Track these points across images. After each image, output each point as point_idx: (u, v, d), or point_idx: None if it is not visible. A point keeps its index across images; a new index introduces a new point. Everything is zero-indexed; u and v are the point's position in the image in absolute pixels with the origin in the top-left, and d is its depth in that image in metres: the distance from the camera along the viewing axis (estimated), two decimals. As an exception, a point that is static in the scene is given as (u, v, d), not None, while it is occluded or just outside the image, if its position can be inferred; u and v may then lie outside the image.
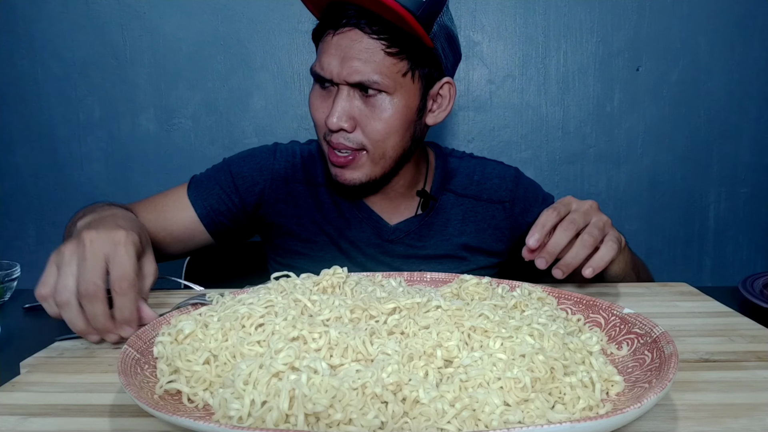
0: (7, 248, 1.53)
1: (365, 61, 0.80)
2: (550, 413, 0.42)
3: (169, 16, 1.43)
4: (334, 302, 0.55)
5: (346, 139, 0.85)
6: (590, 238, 0.69)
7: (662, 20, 1.42)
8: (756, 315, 0.69)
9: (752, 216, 1.52)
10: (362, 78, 0.81)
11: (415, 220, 0.97)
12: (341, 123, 0.83)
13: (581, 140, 1.48)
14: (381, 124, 0.84)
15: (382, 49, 0.81)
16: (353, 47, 0.80)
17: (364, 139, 0.85)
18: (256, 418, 0.39)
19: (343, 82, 0.82)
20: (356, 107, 0.83)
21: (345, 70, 0.81)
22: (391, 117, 0.84)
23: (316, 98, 0.87)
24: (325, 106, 0.85)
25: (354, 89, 0.83)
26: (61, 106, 1.47)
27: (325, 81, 0.84)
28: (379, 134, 0.84)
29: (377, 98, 0.83)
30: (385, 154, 0.87)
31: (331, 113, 0.82)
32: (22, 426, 0.45)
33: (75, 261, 0.58)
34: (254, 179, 0.98)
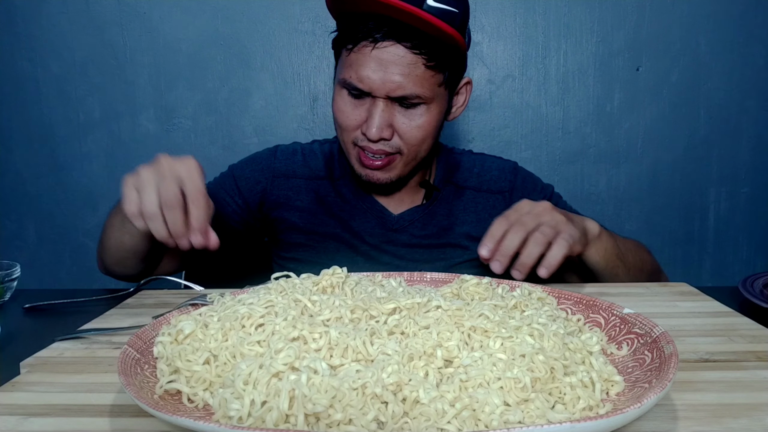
0: (7, 248, 1.53)
1: (407, 75, 0.82)
2: (550, 413, 0.42)
3: (169, 16, 1.43)
4: (335, 302, 0.55)
5: (386, 145, 0.87)
6: (541, 236, 0.72)
7: (662, 20, 1.42)
8: (756, 315, 0.69)
9: (752, 216, 1.52)
10: (405, 92, 0.83)
11: (419, 210, 1.00)
12: (382, 134, 0.85)
13: (581, 140, 1.48)
14: (419, 131, 0.87)
15: (423, 63, 0.82)
16: (395, 62, 0.81)
17: (401, 144, 0.87)
18: (256, 418, 0.39)
19: (384, 96, 0.83)
20: (394, 116, 0.86)
21: (387, 85, 0.82)
22: (428, 124, 0.87)
23: (347, 105, 0.87)
24: (357, 113, 0.87)
25: (392, 101, 0.85)
26: (61, 106, 1.47)
27: (363, 93, 0.85)
28: (416, 140, 0.87)
29: (416, 108, 0.86)
30: (417, 156, 0.91)
31: (371, 124, 0.84)
32: (22, 426, 0.45)
33: (153, 180, 0.66)
34: (256, 179, 1.00)
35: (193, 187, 0.66)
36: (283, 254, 1.03)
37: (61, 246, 1.54)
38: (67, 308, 0.81)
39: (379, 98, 0.84)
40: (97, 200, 1.51)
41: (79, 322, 0.69)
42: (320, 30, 1.44)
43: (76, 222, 1.53)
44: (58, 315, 0.79)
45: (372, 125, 0.84)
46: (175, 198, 0.65)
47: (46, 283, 1.53)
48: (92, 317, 0.72)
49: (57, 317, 0.78)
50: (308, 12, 1.43)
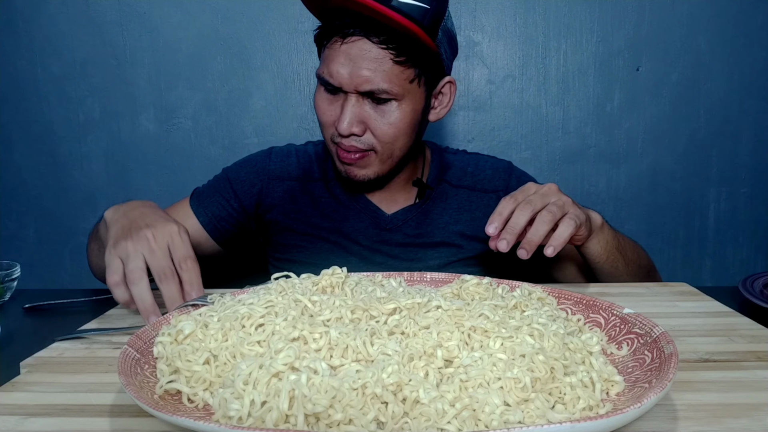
0: (7, 248, 1.53)
1: (374, 70, 0.82)
2: (550, 413, 0.42)
3: (169, 16, 1.43)
4: (335, 302, 0.55)
5: (357, 141, 0.87)
6: (549, 214, 0.71)
7: (662, 20, 1.42)
8: (756, 315, 0.69)
9: (752, 216, 1.52)
10: (372, 87, 0.83)
11: (413, 209, 1.00)
12: (352, 129, 0.85)
13: (581, 140, 1.48)
14: (391, 128, 0.87)
15: (391, 59, 0.82)
16: (362, 57, 0.82)
17: (374, 140, 0.88)
18: (255, 419, 0.39)
19: (353, 91, 0.84)
20: (366, 112, 0.86)
21: (355, 80, 0.83)
22: (401, 121, 0.87)
23: (323, 101, 0.89)
24: (332, 109, 0.88)
25: (363, 96, 0.85)
26: (61, 106, 1.47)
27: (338, 89, 0.85)
28: (388, 137, 0.87)
29: (387, 105, 0.86)
30: (393, 154, 0.90)
31: (341, 119, 0.85)
32: (22, 426, 0.45)
33: (140, 253, 0.65)
34: (251, 181, 1.01)
35: (181, 254, 0.67)
36: (278, 255, 1.03)
37: (61, 246, 1.54)
38: (67, 308, 0.81)
39: (350, 93, 0.84)
40: (97, 200, 1.51)
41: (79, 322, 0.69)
42: (320, 30, 1.43)
43: (76, 222, 1.53)
44: (58, 315, 0.79)
45: (342, 120, 0.85)
46: (170, 270, 0.65)
47: (46, 283, 1.53)
48: (92, 317, 0.72)
49: (57, 317, 0.78)
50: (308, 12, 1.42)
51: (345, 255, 0.99)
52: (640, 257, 0.92)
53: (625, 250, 0.88)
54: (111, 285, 0.65)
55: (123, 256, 0.65)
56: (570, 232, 0.71)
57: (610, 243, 0.84)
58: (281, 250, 1.02)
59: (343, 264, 0.67)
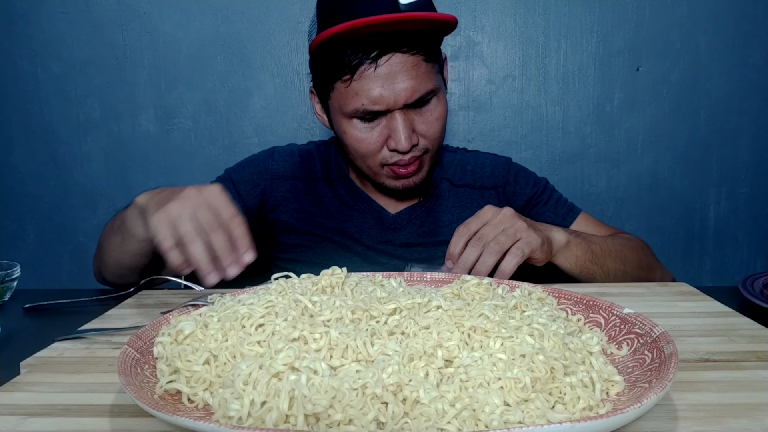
0: (7, 248, 1.53)
1: (415, 77, 0.84)
2: (550, 413, 0.42)
3: (169, 16, 1.43)
4: (335, 303, 0.55)
5: (416, 150, 0.89)
6: (496, 245, 0.75)
7: (662, 20, 1.42)
8: (756, 315, 0.69)
9: (752, 216, 1.52)
10: (420, 94, 0.85)
11: (416, 209, 1.01)
12: (412, 142, 0.87)
13: (581, 140, 1.48)
14: (438, 123, 0.90)
15: (422, 60, 0.85)
16: (400, 71, 0.83)
17: (427, 143, 0.90)
18: (255, 419, 0.39)
19: (401, 107, 0.85)
20: (413, 120, 0.88)
21: (403, 94, 0.83)
22: (443, 113, 0.91)
23: (363, 133, 0.88)
24: (374, 136, 0.88)
25: (407, 108, 0.86)
26: (61, 106, 1.47)
27: (377, 114, 0.86)
28: (438, 132, 0.91)
29: (431, 103, 0.88)
30: (439, 148, 0.95)
31: (399, 139, 0.85)
32: (22, 426, 0.45)
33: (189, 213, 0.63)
34: (254, 182, 1.01)
35: (228, 212, 0.65)
36: (281, 255, 1.03)
37: (61, 246, 1.54)
38: (67, 308, 0.81)
39: (394, 111, 0.85)
40: (97, 200, 1.51)
41: (79, 322, 0.69)
42: (320, 30, 1.43)
43: (76, 222, 1.53)
44: (58, 315, 0.79)
45: (400, 139, 0.85)
46: (216, 224, 0.64)
47: (46, 283, 1.53)
48: (92, 317, 0.72)
49: (57, 317, 0.78)
50: (308, 12, 1.43)
51: (349, 255, 0.99)
52: (626, 263, 0.91)
53: (604, 260, 0.87)
54: (166, 250, 0.63)
55: (173, 217, 0.63)
56: (516, 262, 0.74)
57: (581, 258, 0.85)
58: (284, 249, 1.02)
59: (347, 264, 0.67)
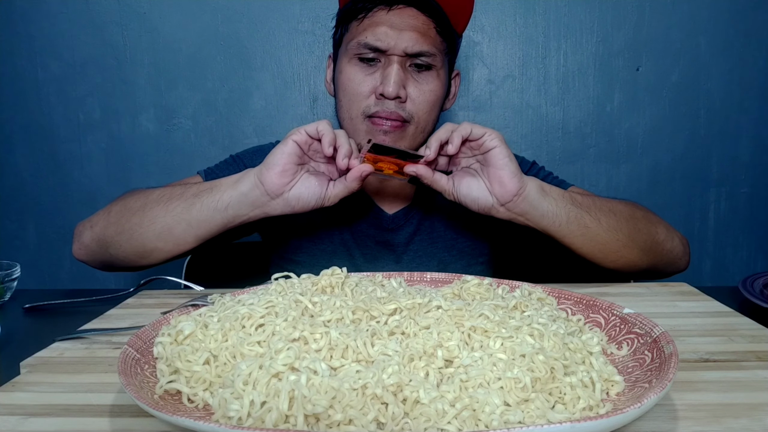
0: (7, 248, 1.53)
1: (423, 33, 0.86)
2: (551, 413, 0.42)
3: (169, 16, 1.43)
4: (335, 303, 0.55)
5: (400, 108, 0.88)
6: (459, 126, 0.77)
7: (662, 20, 1.42)
8: (756, 315, 0.69)
9: (752, 216, 1.52)
10: (421, 48, 0.86)
11: (413, 208, 1.00)
12: (399, 91, 0.86)
13: (581, 140, 1.48)
14: (430, 95, 0.89)
15: (434, 27, 0.88)
16: (410, 22, 0.86)
17: (413, 109, 0.89)
18: (255, 419, 0.39)
19: (401, 53, 0.86)
20: (407, 78, 0.88)
21: (405, 41, 0.85)
22: (437, 91, 0.90)
23: (357, 72, 0.89)
24: (369, 80, 0.88)
25: (405, 62, 0.87)
26: (61, 106, 1.47)
27: (376, 52, 0.87)
28: (427, 105, 0.89)
29: (426, 73, 0.89)
30: (425, 129, 0.92)
31: (387, 82, 0.85)
32: (22, 426, 0.45)
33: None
34: None
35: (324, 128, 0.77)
36: (281, 254, 1.03)
37: (61, 246, 1.54)
38: (67, 308, 0.81)
39: (394, 57, 0.86)
40: (97, 200, 1.51)
41: (79, 322, 0.69)
42: (320, 30, 1.43)
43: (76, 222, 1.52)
44: (58, 315, 0.79)
45: (389, 82, 0.85)
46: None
47: (46, 283, 1.53)
48: (92, 317, 0.72)
49: (57, 317, 0.78)
50: (308, 12, 1.43)
51: (348, 256, 0.99)
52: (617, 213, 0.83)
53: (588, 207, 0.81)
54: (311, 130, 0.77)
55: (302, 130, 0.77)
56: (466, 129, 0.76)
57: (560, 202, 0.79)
58: (283, 249, 1.02)
59: (347, 264, 0.67)
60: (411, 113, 0.89)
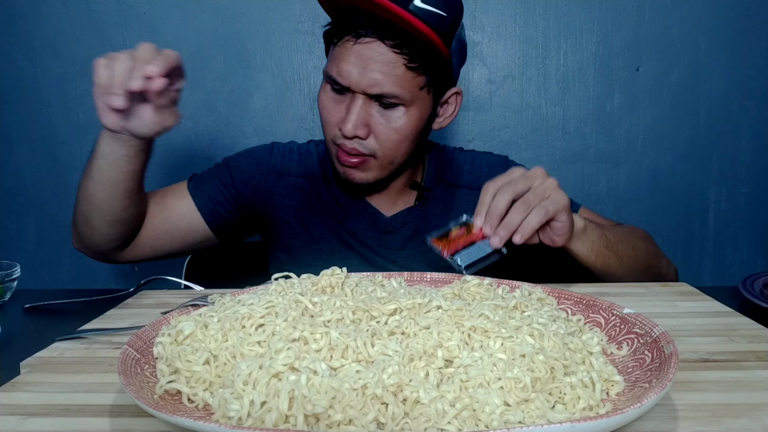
0: (7, 248, 1.53)
1: (386, 74, 0.81)
2: (551, 413, 0.42)
3: (169, 16, 1.43)
4: (336, 303, 0.55)
5: (360, 145, 0.86)
6: (524, 203, 0.73)
7: (662, 20, 1.42)
8: (756, 315, 0.69)
9: (752, 216, 1.52)
10: (382, 90, 0.82)
11: (412, 211, 0.99)
12: (357, 131, 0.84)
13: (581, 140, 1.48)
14: (395, 134, 0.86)
15: (404, 64, 0.81)
16: (375, 59, 0.81)
17: (376, 146, 0.86)
18: (255, 419, 0.39)
19: (362, 92, 0.83)
20: (372, 116, 0.85)
21: (365, 81, 0.82)
22: (406, 128, 0.86)
23: (329, 101, 0.87)
24: (338, 109, 0.86)
25: (371, 99, 0.84)
26: (61, 106, 1.47)
27: (344, 89, 0.84)
28: (392, 142, 0.86)
29: (394, 110, 0.85)
30: (394, 160, 0.90)
31: (347, 120, 0.83)
32: (22, 426, 0.45)
33: None
34: (250, 173, 1.00)
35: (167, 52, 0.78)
36: (278, 254, 1.03)
37: (61, 246, 1.54)
38: (67, 308, 0.81)
39: (357, 94, 0.83)
40: (97, 200, 1.51)
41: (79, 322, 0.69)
42: (320, 30, 1.42)
43: (76, 222, 1.53)
44: (58, 315, 0.79)
45: (348, 121, 0.83)
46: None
47: (46, 283, 1.53)
48: (92, 317, 0.72)
49: (57, 317, 0.78)
50: (308, 12, 1.43)
51: (345, 257, 0.98)
52: (637, 250, 0.90)
53: (617, 246, 0.86)
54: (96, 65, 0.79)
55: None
56: (538, 220, 0.72)
57: (596, 243, 0.84)
58: (281, 249, 1.02)
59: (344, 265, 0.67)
60: (373, 150, 0.87)
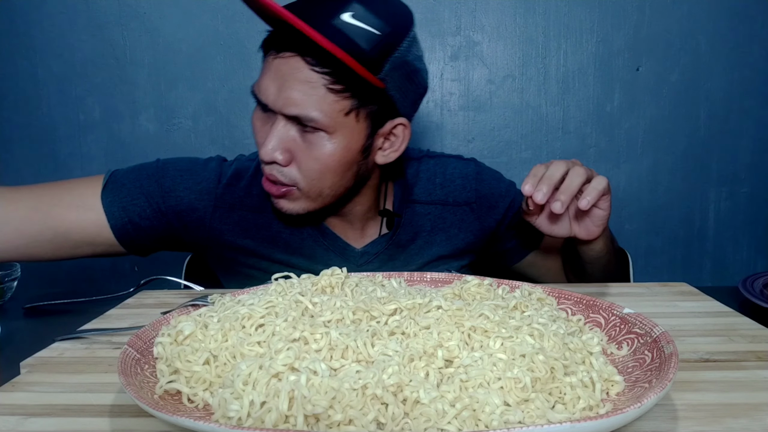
0: (7, 248, 1.53)
1: (304, 93, 0.72)
2: (551, 413, 0.42)
3: (169, 16, 1.43)
4: (336, 303, 0.55)
5: (280, 173, 0.77)
6: (581, 168, 0.72)
7: (662, 20, 1.42)
8: (756, 315, 0.69)
9: (752, 216, 1.52)
10: (299, 112, 0.73)
11: (382, 240, 0.91)
12: (275, 155, 0.75)
13: (581, 140, 1.48)
14: (316, 163, 0.76)
15: (324, 85, 0.72)
16: (293, 76, 0.72)
17: (298, 175, 0.77)
18: (255, 419, 0.39)
19: (280, 112, 0.74)
20: (292, 140, 0.76)
21: (281, 100, 0.73)
22: (329, 157, 0.76)
23: (257, 120, 0.79)
24: (264, 130, 0.78)
25: (291, 121, 0.75)
26: (61, 106, 1.47)
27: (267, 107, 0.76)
28: (314, 173, 0.77)
29: (315, 135, 0.75)
30: (322, 192, 0.80)
31: (265, 143, 0.75)
32: (22, 426, 0.45)
33: None
34: (191, 204, 0.86)
35: None
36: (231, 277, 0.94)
37: (61, 246, 1.54)
38: (67, 308, 0.81)
39: (278, 115, 0.75)
40: (97, 200, 1.51)
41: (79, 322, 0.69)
42: (320, 30, 1.43)
43: (76, 222, 1.53)
44: (58, 315, 0.79)
45: (266, 143, 0.75)
46: None
47: (46, 283, 1.53)
48: (92, 317, 0.72)
49: (57, 317, 0.78)
50: (308, 12, 1.43)
51: None
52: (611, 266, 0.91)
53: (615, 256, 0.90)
54: None
55: None
56: (604, 185, 0.72)
57: (607, 240, 0.85)
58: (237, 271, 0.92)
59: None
60: (294, 179, 0.77)
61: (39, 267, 1.56)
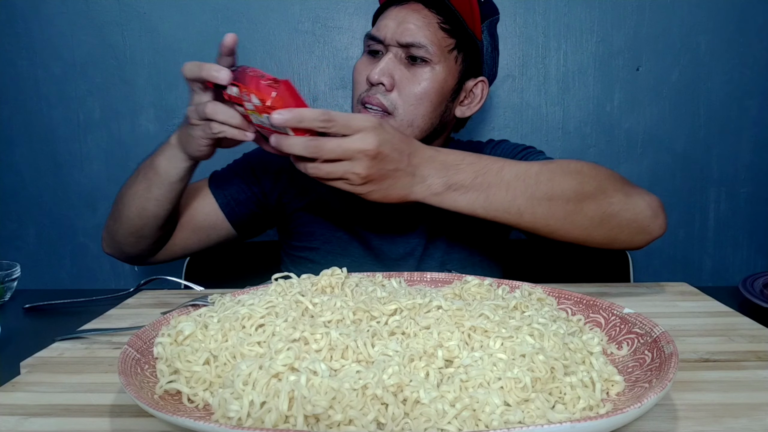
0: (7, 248, 1.53)
1: (420, 26, 0.87)
2: (551, 413, 0.42)
3: (169, 16, 1.43)
4: (336, 304, 0.55)
5: (382, 96, 0.87)
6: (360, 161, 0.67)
7: (662, 20, 1.42)
8: (756, 315, 0.69)
9: (752, 216, 1.52)
10: (414, 39, 0.86)
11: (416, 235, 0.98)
12: (382, 77, 0.86)
13: (581, 140, 1.48)
14: (418, 88, 0.88)
15: (437, 23, 0.88)
16: (412, 15, 0.88)
17: (398, 100, 0.88)
18: (255, 419, 0.39)
19: (395, 43, 0.87)
20: (399, 69, 0.88)
21: (399, 31, 0.87)
22: (429, 86, 0.88)
23: (362, 64, 0.92)
24: (368, 68, 0.89)
25: (401, 54, 0.88)
26: (61, 106, 1.47)
27: (377, 43, 0.89)
28: (413, 98, 0.88)
29: (419, 67, 0.88)
30: (414, 122, 0.89)
31: (374, 68, 0.86)
32: (22, 426, 0.45)
33: None
34: (274, 165, 1.00)
35: None
36: (295, 243, 1.02)
37: (61, 246, 1.54)
38: (67, 308, 0.81)
39: (390, 47, 0.88)
40: (97, 200, 1.51)
41: (79, 322, 0.69)
42: (320, 30, 1.43)
43: (76, 222, 1.53)
44: (58, 315, 0.79)
45: (376, 68, 0.86)
46: None
47: (46, 283, 1.53)
48: (92, 317, 0.72)
49: (57, 317, 0.78)
50: (308, 12, 1.43)
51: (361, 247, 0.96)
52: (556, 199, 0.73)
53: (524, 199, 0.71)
54: None
55: None
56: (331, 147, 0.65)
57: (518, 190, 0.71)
58: (298, 238, 1.01)
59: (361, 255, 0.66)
60: (394, 104, 0.87)
61: (39, 267, 1.57)
